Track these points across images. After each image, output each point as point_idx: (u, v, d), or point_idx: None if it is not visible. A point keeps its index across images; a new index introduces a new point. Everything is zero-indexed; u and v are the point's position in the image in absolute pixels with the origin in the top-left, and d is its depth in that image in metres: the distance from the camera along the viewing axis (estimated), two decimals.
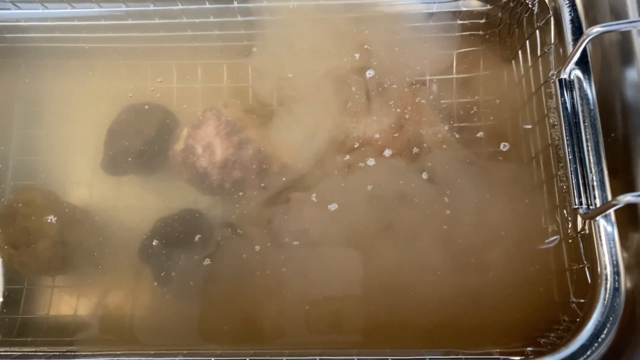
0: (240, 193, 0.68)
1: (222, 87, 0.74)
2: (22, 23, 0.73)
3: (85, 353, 0.57)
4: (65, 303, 0.69)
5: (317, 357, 0.52)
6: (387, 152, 0.67)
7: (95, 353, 0.57)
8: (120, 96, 0.73)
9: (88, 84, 0.75)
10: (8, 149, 0.73)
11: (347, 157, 0.68)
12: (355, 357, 0.52)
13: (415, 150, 0.66)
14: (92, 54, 0.75)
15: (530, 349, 0.53)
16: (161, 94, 0.73)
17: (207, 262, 0.66)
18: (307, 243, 0.65)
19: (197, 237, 0.67)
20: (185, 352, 0.56)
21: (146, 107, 0.72)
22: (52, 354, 0.58)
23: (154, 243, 0.68)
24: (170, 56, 0.74)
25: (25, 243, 0.67)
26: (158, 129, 0.72)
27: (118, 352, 0.56)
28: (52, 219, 0.68)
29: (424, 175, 0.65)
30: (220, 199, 0.69)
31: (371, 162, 0.66)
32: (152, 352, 0.56)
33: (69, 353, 0.59)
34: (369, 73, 0.69)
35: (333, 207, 0.65)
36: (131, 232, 0.69)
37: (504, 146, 0.67)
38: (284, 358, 0.53)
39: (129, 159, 0.71)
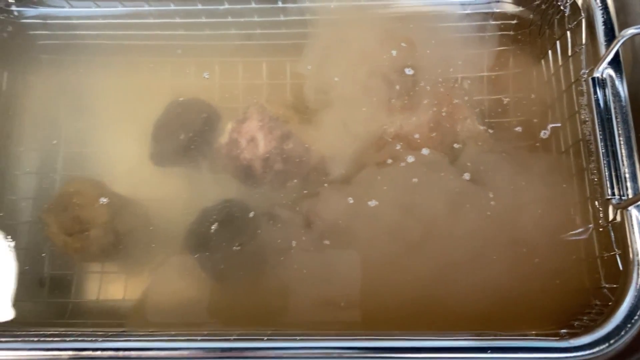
0: (281, 184, 0.72)
1: (261, 84, 0.77)
2: (74, 21, 0.77)
3: (140, 333, 0.60)
4: (114, 287, 0.72)
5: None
6: (425, 150, 0.70)
7: (149, 333, 0.60)
8: (165, 92, 0.76)
9: (134, 80, 0.78)
10: (58, 141, 0.77)
11: (385, 153, 0.71)
12: (395, 337, 0.55)
13: (454, 145, 0.69)
14: (139, 51, 0.79)
15: (564, 330, 0.56)
16: (204, 90, 0.76)
17: (245, 248, 0.69)
18: (342, 236, 0.68)
19: (238, 226, 0.71)
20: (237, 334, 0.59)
21: (190, 102, 0.76)
22: (110, 333, 0.61)
23: (198, 231, 0.71)
24: (213, 54, 0.78)
25: (78, 230, 0.70)
26: (202, 123, 0.75)
27: (172, 333, 0.59)
28: (102, 208, 0.71)
29: (464, 170, 0.68)
30: (261, 190, 0.72)
31: (410, 159, 0.69)
32: (206, 332, 0.59)
33: (124, 333, 0.63)
34: (408, 71, 0.72)
35: (372, 203, 0.68)
36: (176, 221, 0.71)
37: (536, 140, 0.70)
38: (297, 337, 0.56)
39: (175, 151, 0.74)
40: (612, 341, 0.52)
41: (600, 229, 0.61)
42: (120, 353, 0.54)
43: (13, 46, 0.77)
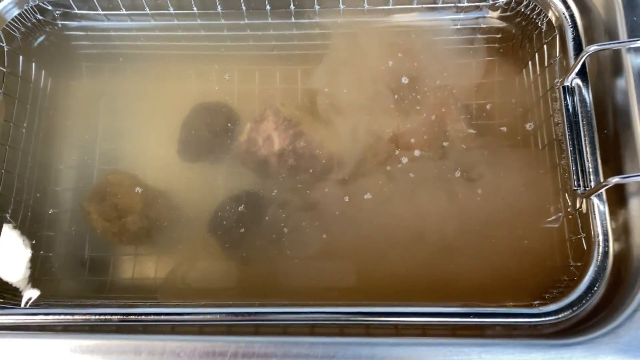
0: (293, 178, 0.81)
1: (275, 89, 0.86)
2: (111, 33, 0.86)
3: (175, 303, 0.70)
4: (147, 267, 0.80)
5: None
6: (418, 150, 0.79)
7: (181, 303, 0.69)
8: (190, 96, 0.85)
9: (163, 85, 0.86)
10: (95, 138, 0.84)
11: (385, 152, 0.80)
12: (393, 304, 0.63)
13: (444, 144, 0.79)
14: (168, 59, 0.87)
15: (537, 302, 0.65)
16: (225, 95, 0.85)
17: (260, 230, 0.77)
18: (345, 222, 0.78)
19: (255, 212, 0.80)
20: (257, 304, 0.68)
21: (213, 105, 0.85)
22: (147, 303, 0.71)
23: (220, 217, 0.79)
24: (233, 62, 0.86)
25: (116, 217, 0.80)
26: (223, 123, 0.84)
27: (202, 303, 0.68)
28: (137, 197, 0.81)
29: (452, 165, 0.77)
30: (276, 183, 0.80)
31: (405, 158, 0.79)
32: (231, 302, 0.68)
33: (159, 303, 0.73)
34: (404, 80, 0.82)
35: (367, 196, 0.78)
36: (201, 209, 0.80)
37: (517, 140, 0.80)
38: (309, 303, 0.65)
39: (200, 148, 0.83)
40: (574, 308, 0.61)
41: (570, 216, 0.70)
42: (162, 317, 0.63)
43: (57, 55, 0.85)
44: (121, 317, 0.64)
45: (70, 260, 0.81)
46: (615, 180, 0.60)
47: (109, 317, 0.64)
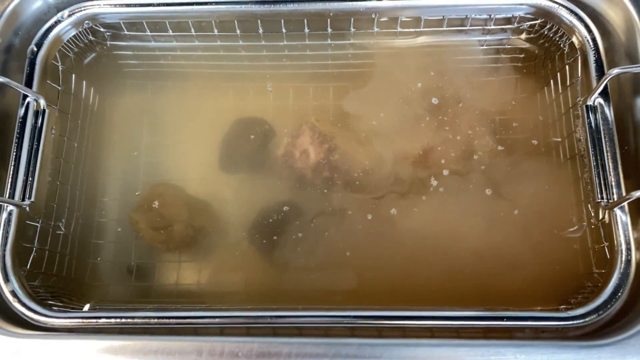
0: (327, 190, 0.86)
1: (309, 105, 0.90)
2: (156, 52, 0.90)
3: (223, 307, 0.74)
4: (190, 273, 0.84)
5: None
6: (447, 167, 0.84)
7: (228, 307, 0.74)
8: (230, 112, 0.89)
9: (205, 102, 0.90)
10: (139, 152, 0.89)
11: (417, 168, 0.85)
12: (413, 313, 0.67)
13: (474, 157, 0.84)
14: (209, 77, 0.91)
15: (563, 306, 0.69)
16: (262, 110, 0.89)
17: (299, 239, 0.82)
18: (380, 233, 0.82)
19: (291, 224, 0.84)
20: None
21: (251, 120, 0.90)
22: (198, 307, 0.76)
23: (258, 226, 0.84)
24: (270, 80, 0.91)
25: (163, 226, 0.85)
26: (262, 137, 0.89)
27: (247, 307, 0.72)
28: (182, 207, 0.85)
29: (480, 178, 0.82)
30: (311, 194, 0.85)
31: (435, 174, 0.83)
32: (275, 306, 0.73)
33: (212, 307, 0.77)
34: (434, 101, 0.87)
35: (395, 211, 0.83)
36: (241, 218, 0.84)
37: (541, 154, 0.84)
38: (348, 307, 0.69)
39: (240, 161, 0.88)
40: (600, 312, 0.65)
41: (592, 226, 0.75)
42: (216, 320, 0.68)
43: (104, 73, 0.90)
44: (177, 320, 0.68)
45: (118, 266, 0.85)
46: (638, 194, 0.65)
47: (165, 320, 0.68)
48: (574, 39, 0.79)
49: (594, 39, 0.77)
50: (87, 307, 0.75)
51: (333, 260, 0.82)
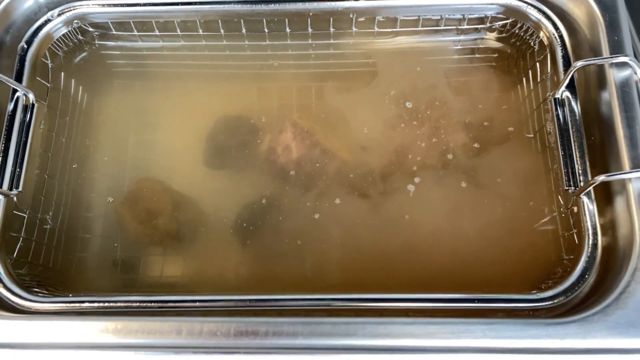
0: (310, 183, 0.88)
1: (292, 103, 0.93)
2: (143, 52, 0.94)
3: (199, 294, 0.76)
4: (175, 266, 0.86)
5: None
6: (424, 163, 0.87)
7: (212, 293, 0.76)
8: (214, 110, 0.92)
9: (190, 101, 0.93)
10: (126, 149, 0.91)
11: (394, 164, 0.87)
12: (391, 296, 0.69)
13: (448, 156, 0.87)
14: (194, 77, 0.94)
15: (534, 291, 0.72)
16: (246, 109, 0.92)
17: (280, 232, 0.84)
18: (360, 224, 0.85)
19: (274, 217, 0.87)
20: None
21: (235, 118, 0.92)
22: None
23: (242, 220, 0.86)
24: (254, 80, 0.94)
25: (148, 219, 0.87)
26: (245, 134, 0.92)
27: (231, 293, 0.74)
28: (167, 201, 0.88)
29: (455, 173, 0.86)
30: (293, 188, 0.87)
31: (414, 167, 0.87)
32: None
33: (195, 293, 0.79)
34: (409, 103, 0.90)
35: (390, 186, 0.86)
36: (225, 212, 0.86)
37: (513, 149, 0.87)
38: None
39: (224, 157, 0.90)
40: (568, 294, 0.67)
41: (562, 215, 0.78)
42: (197, 304, 0.70)
43: (93, 72, 0.93)
44: (159, 304, 0.70)
45: (103, 259, 0.87)
46: (601, 178, 0.68)
47: (148, 304, 0.70)
48: (543, 37, 0.83)
49: (561, 36, 0.80)
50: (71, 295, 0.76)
51: (317, 251, 0.84)
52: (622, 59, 0.72)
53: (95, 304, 0.70)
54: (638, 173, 0.67)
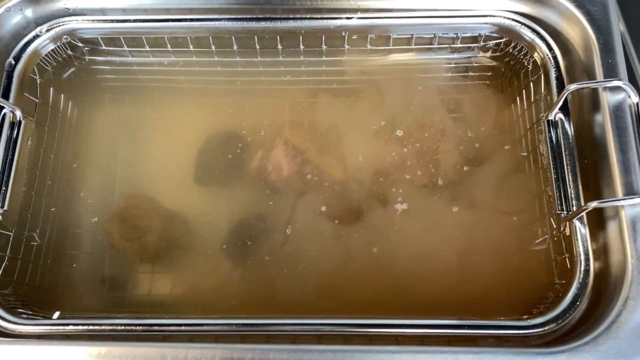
0: (300, 202, 0.87)
1: (284, 120, 0.92)
2: (134, 67, 0.93)
3: (192, 316, 0.75)
4: (163, 284, 0.85)
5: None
6: (414, 182, 0.86)
7: (198, 316, 0.75)
8: (205, 126, 0.91)
9: (181, 116, 0.92)
10: (116, 165, 0.90)
11: (385, 183, 0.87)
12: (380, 321, 0.68)
13: (442, 172, 0.86)
14: (185, 92, 0.93)
15: (525, 316, 0.71)
16: (237, 125, 0.91)
17: (270, 249, 0.84)
18: (352, 244, 0.84)
19: (265, 235, 0.86)
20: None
21: (226, 134, 0.92)
22: (168, 316, 0.76)
23: (233, 238, 0.85)
24: (245, 95, 0.93)
25: (136, 237, 0.85)
26: (236, 151, 0.91)
27: (217, 316, 0.73)
28: (156, 219, 0.87)
29: (448, 195, 0.85)
30: (283, 206, 0.87)
31: (401, 190, 0.86)
32: (244, 316, 0.73)
33: (181, 315, 0.77)
34: (403, 121, 0.89)
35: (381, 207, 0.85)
36: (215, 230, 0.85)
37: (505, 170, 0.86)
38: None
39: (214, 174, 0.89)
40: (559, 321, 0.66)
41: (555, 238, 0.77)
42: (183, 328, 0.69)
43: (83, 87, 0.92)
44: (145, 327, 0.69)
45: (91, 277, 0.86)
46: (594, 204, 0.67)
47: (133, 327, 0.69)
48: (537, 57, 0.82)
49: (554, 57, 0.80)
50: (56, 314, 0.76)
51: (307, 272, 0.83)
52: (615, 83, 0.72)
53: (80, 327, 0.69)
54: (631, 200, 0.67)
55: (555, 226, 0.77)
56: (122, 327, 0.69)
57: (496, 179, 0.86)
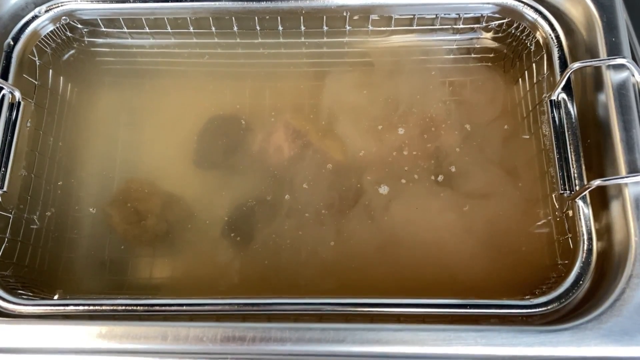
0: (302, 185, 0.86)
1: (284, 103, 0.91)
2: (133, 50, 0.92)
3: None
4: (164, 267, 0.85)
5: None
6: (416, 164, 0.86)
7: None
8: (206, 109, 0.90)
9: (181, 99, 0.91)
10: (116, 148, 0.90)
11: (387, 165, 0.86)
12: (382, 301, 0.68)
13: (444, 155, 0.85)
14: (186, 75, 0.93)
15: (528, 296, 0.71)
16: (238, 108, 0.91)
17: (271, 231, 0.83)
18: (353, 226, 0.83)
19: (265, 218, 0.85)
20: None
21: (227, 117, 0.91)
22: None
23: (232, 221, 0.85)
24: (246, 78, 0.92)
25: (136, 220, 0.85)
26: (236, 134, 0.90)
27: (219, 296, 0.73)
28: (156, 202, 0.86)
29: (451, 177, 0.85)
30: (284, 188, 0.86)
31: (403, 171, 0.86)
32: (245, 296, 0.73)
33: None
34: (405, 100, 0.88)
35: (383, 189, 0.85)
36: (216, 212, 0.85)
37: (509, 151, 0.86)
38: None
39: (214, 157, 0.89)
40: (562, 300, 0.66)
41: (557, 219, 0.76)
42: (184, 308, 0.68)
43: (83, 69, 0.92)
44: (145, 307, 0.69)
45: (92, 260, 0.85)
46: (597, 182, 0.67)
47: (134, 307, 0.69)
48: (539, 37, 0.81)
49: (557, 37, 0.79)
50: (56, 296, 0.75)
51: (309, 254, 0.82)
52: (619, 60, 0.71)
53: (81, 307, 0.69)
54: (634, 178, 0.66)
55: (558, 207, 0.76)
56: (123, 308, 0.69)
57: (498, 161, 0.86)
